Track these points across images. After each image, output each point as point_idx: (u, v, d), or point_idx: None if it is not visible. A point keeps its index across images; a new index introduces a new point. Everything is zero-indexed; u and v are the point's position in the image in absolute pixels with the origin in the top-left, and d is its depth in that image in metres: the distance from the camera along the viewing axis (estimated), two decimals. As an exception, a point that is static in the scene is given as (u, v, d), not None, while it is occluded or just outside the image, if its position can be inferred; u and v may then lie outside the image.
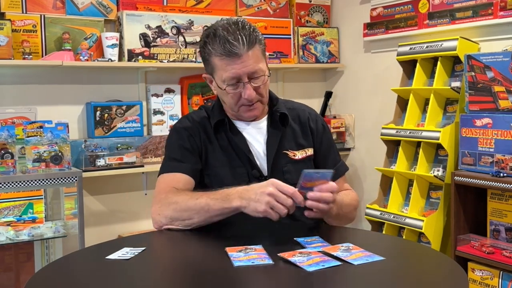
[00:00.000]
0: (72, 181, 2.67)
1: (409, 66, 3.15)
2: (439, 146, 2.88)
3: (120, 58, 3.07)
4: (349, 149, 3.75)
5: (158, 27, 3.16)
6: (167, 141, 1.88)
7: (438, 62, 2.91)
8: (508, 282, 2.50)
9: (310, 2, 3.76)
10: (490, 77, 2.57)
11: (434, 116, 2.92)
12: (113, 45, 3.00)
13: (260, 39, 1.72)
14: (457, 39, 2.79)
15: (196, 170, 1.78)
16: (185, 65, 3.23)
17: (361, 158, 3.67)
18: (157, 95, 3.23)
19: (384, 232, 3.09)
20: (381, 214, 3.06)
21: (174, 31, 3.22)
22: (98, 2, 3.06)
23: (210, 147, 1.80)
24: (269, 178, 1.76)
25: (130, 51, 3.08)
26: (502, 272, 2.52)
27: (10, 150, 2.60)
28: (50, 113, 2.94)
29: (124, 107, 3.09)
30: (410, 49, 3.04)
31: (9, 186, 2.54)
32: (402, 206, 3.07)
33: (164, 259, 1.50)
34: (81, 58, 2.90)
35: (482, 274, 2.59)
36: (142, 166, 3.07)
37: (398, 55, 3.11)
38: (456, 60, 2.92)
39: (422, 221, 2.81)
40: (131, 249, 1.46)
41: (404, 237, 3.00)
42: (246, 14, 3.49)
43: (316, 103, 3.79)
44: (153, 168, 3.11)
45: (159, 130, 3.23)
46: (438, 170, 2.89)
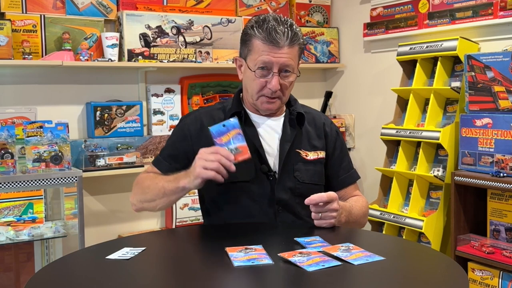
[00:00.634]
0: (72, 181, 2.67)
1: (409, 66, 3.15)
2: (439, 146, 2.88)
3: (120, 58, 3.07)
4: (349, 149, 3.74)
5: (158, 27, 3.16)
6: (172, 134, 1.96)
7: (438, 62, 2.91)
8: (508, 282, 2.50)
9: (310, 2, 3.77)
10: (490, 77, 2.57)
11: (434, 116, 2.92)
12: (113, 45, 3.00)
13: (301, 42, 1.79)
14: (457, 39, 2.79)
15: (176, 170, 1.81)
16: (185, 65, 3.23)
17: (361, 158, 3.68)
18: (157, 95, 3.23)
19: (384, 232, 3.09)
20: (381, 214, 3.06)
21: (174, 31, 3.22)
22: (98, 2, 3.06)
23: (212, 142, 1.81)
24: (278, 174, 1.78)
25: (130, 51, 3.08)
26: (502, 272, 2.52)
27: (10, 150, 2.60)
28: (50, 113, 2.94)
29: (124, 107, 3.09)
30: (410, 49, 3.04)
31: (9, 186, 2.54)
32: (402, 206, 3.07)
33: (164, 259, 1.51)
34: (81, 58, 2.90)
35: (482, 274, 2.59)
36: (142, 166, 3.07)
37: (398, 55, 3.11)
38: (456, 60, 2.92)
39: (422, 221, 2.81)
40: (131, 249, 1.46)
41: (404, 237, 3.00)
42: (246, 14, 3.49)
43: (316, 103, 3.79)
44: (153, 168, 3.11)
45: (159, 130, 3.23)
46: (438, 170, 2.89)
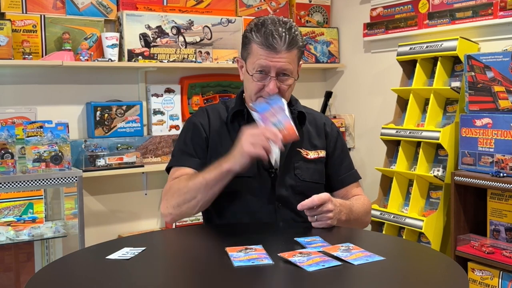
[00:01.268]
0: (72, 181, 2.67)
1: (409, 66, 3.15)
2: (439, 146, 2.88)
3: (120, 58, 3.07)
4: (349, 149, 3.72)
5: (158, 27, 3.16)
6: (181, 132, 1.93)
7: (438, 62, 2.91)
8: (508, 282, 2.50)
9: (310, 2, 3.77)
10: (490, 77, 2.57)
11: (434, 116, 2.92)
12: (113, 45, 3.00)
13: (300, 45, 1.79)
14: (457, 39, 2.79)
15: (205, 165, 1.82)
16: (185, 65, 3.23)
17: (361, 158, 3.68)
18: (157, 95, 3.23)
19: (384, 232, 3.09)
20: (381, 214, 3.06)
21: (174, 31, 3.22)
22: (98, 2, 3.06)
23: (219, 138, 1.84)
24: (279, 172, 1.79)
25: (130, 51, 3.08)
26: (502, 272, 2.52)
27: (10, 150, 2.60)
28: (50, 113, 2.94)
29: (124, 107, 3.09)
30: (410, 49, 3.04)
31: (9, 186, 2.54)
32: (402, 206, 3.07)
33: (164, 259, 1.51)
34: (81, 58, 2.90)
35: (482, 274, 2.59)
36: (142, 166, 3.07)
37: (398, 55, 3.11)
38: (456, 60, 2.92)
39: (422, 221, 2.81)
40: (131, 249, 1.46)
41: (404, 237, 3.00)
42: (246, 14, 3.49)
43: (316, 103, 3.79)
44: (153, 168, 3.12)
45: (159, 130, 3.23)
46: (438, 170, 2.89)
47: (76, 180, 2.67)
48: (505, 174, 2.48)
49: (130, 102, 3.13)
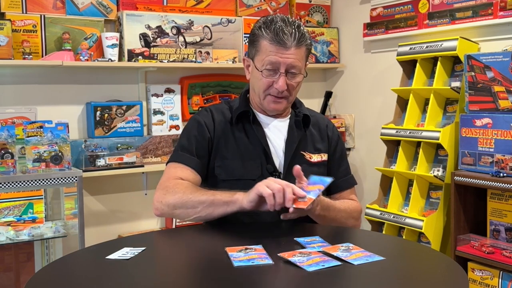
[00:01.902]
0: (72, 181, 2.67)
1: (409, 66, 3.15)
2: (439, 146, 2.88)
3: (120, 58, 3.07)
4: (349, 149, 3.74)
5: (158, 27, 3.16)
6: (185, 129, 1.92)
7: (438, 62, 2.91)
8: (508, 282, 2.50)
9: (310, 2, 3.76)
10: (490, 77, 2.57)
11: (434, 116, 2.92)
12: (113, 45, 3.00)
13: (308, 43, 1.81)
14: (457, 39, 2.79)
15: (204, 168, 1.83)
16: (185, 65, 3.23)
17: (361, 158, 3.67)
18: (157, 95, 3.23)
19: (384, 232, 3.09)
20: (381, 214, 3.06)
21: (174, 31, 3.22)
22: (98, 2, 3.06)
23: (224, 139, 1.84)
24: (284, 174, 1.79)
25: (130, 51, 3.08)
26: (502, 272, 2.52)
27: (10, 150, 2.60)
28: (50, 113, 2.94)
29: (124, 107, 3.09)
30: (410, 49, 3.04)
31: (9, 186, 2.54)
32: (402, 206, 3.07)
33: (164, 259, 1.50)
34: (81, 58, 2.90)
35: (482, 274, 2.59)
36: (142, 166, 3.07)
37: (398, 55, 3.11)
38: (456, 60, 2.92)
39: (422, 221, 2.81)
40: (131, 249, 1.46)
41: (404, 237, 3.00)
42: (246, 14, 3.49)
43: (316, 103, 3.79)
44: (153, 168, 3.12)
45: (159, 130, 3.23)
46: (438, 170, 2.89)
47: (76, 180, 2.67)
48: (505, 174, 2.48)
49: (130, 102, 3.13)
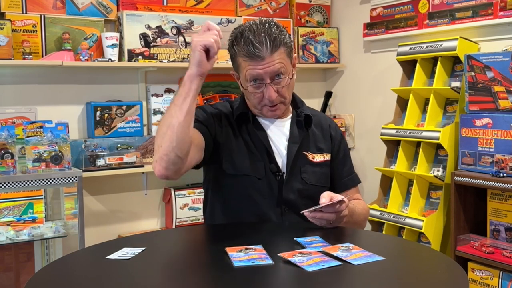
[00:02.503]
0: (72, 181, 2.67)
1: (409, 66, 3.15)
2: (439, 146, 2.88)
3: (120, 58, 3.07)
4: (349, 149, 3.73)
5: (158, 27, 3.16)
6: None
7: (438, 62, 2.91)
8: (508, 282, 2.50)
9: (310, 2, 3.76)
10: (490, 77, 2.57)
11: (434, 116, 2.92)
12: (113, 45, 3.00)
13: (286, 42, 1.75)
14: (457, 39, 2.79)
15: (208, 135, 1.76)
16: (185, 65, 3.21)
17: (361, 158, 3.67)
18: (157, 95, 3.23)
19: (384, 232, 3.09)
20: (381, 214, 3.06)
21: (174, 31, 3.22)
22: (98, 2, 3.06)
23: (232, 135, 1.82)
24: (286, 175, 1.80)
25: (130, 51, 3.08)
26: (502, 272, 2.52)
27: (10, 150, 2.60)
28: (50, 113, 2.94)
29: (124, 107, 3.09)
30: (410, 49, 3.04)
31: (9, 186, 2.54)
32: (402, 206, 3.07)
33: (164, 259, 1.50)
34: (81, 58, 2.90)
35: (482, 274, 2.59)
36: (142, 166, 3.07)
37: (398, 55, 3.11)
38: (456, 60, 2.92)
39: (422, 221, 2.81)
40: (131, 249, 1.46)
41: (404, 237, 3.00)
42: (246, 14, 3.49)
43: (316, 103, 3.79)
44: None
45: (159, 130, 3.22)
46: (438, 170, 2.89)
47: (76, 180, 2.67)
48: (505, 174, 2.48)
49: (130, 102, 3.13)
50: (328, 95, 3.74)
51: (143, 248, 1.47)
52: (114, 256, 1.42)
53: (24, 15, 2.86)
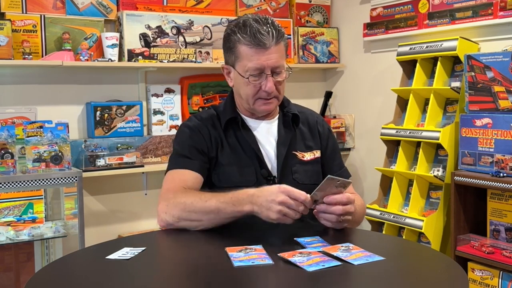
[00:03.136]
0: (72, 181, 2.67)
1: (409, 66, 3.15)
2: (439, 146, 2.88)
3: (120, 58, 3.07)
4: (349, 149, 3.75)
5: (158, 27, 3.16)
6: (176, 137, 1.88)
7: (438, 62, 2.91)
8: (508, 282, 2.50)
9: (310, 2, 3.76)
10: (490, 77, 2.57)
11: (434, 116, 2.92)
12: (113, 45, 3.00)
13: (285, 37, 1.77)
14: (457, 39, 2.79)
15: (204, 168, 1.79)
16: (185, 65, 3.23)
17: (361, 158, 3.67)
18: (157, 95, 3.23)
19: (384, 232, 3.09)
20: (381, 214, 3.06)
21: (174, 31, 3.22)
22: (98, 2, 3.06)
23: (219, 146, 1.81)
24: (278, 178, 1.79)
25: (130, 51, 3.08)
26: (502, 272, 2.52)
27: (10, 150, 2.60)
28: (50, 113, 2.94)
29: (124, 107, 3.09)
30: (410, 49, 3.04)
31: (9, 186, 2.54)
32: (402, 206, 3.07)
33: (164, 259, 1.50)
34: (81, 58, 2.90)
35: (482, 274, 2.59)
36: (142, 166, 3.07)
37: (398, 55, 3.11)
38: (456, 60, 2.92)
39: (422, 221, 2.81)
40: (131, 249, 1.46)
41: (404, 237, 3.00)
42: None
43: (316, 103, 3.79)
44: (153, 168, 3.12)
45: (159, 130, 3.23)
46: (438, 170, 2.89)
47: (76, 180, 2.67)
48: (505, 174, 2.48)
49: (130, 102, 3.13)
50: (328, 95, 3.74)
51: (143, 248, 1.47)
52: (114, 256, 1.42)
53: (24, 15, 2.86)
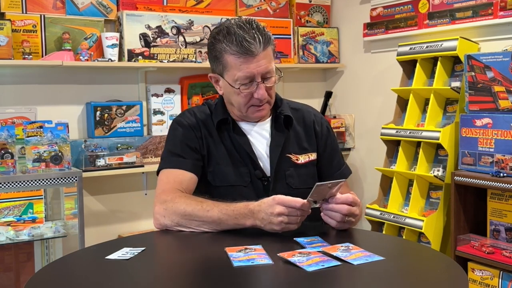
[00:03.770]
0: (72, 181, 2.67)
1: (409, 66, 3.15)
2: (439, 146, 2.88)
3: (120, 58, 3.07)
4: (349, 149, 3.75)
5: (158, 27, 3.16)
6: (169, 134, 1.86)
7: (438, 62, 2.91)
8: (508, 282, 2.50)
9: (310, 2, 3.76)
10: (490, 77, 2.57)
11: (434, 116, 2.92)
12: (113, 45, 3.00)
13: (272, 40, 1.72)
14: (457, 39, 2.79)
15: (197, 166, 1.77)
16: (185, 65, 3.23)
17: (361, 158, 3.67)
18: (157, 95, 3.23)
19: (384, 232, 3.09)
20: (381, 214, 3.06)
21: (174, 31, 3.22)
22: (98, 2, 3.06)
23: (213, 144, 1.79)
24: (272, 179, 1.77)
25: (130, 51, 3.08)
26: (502, 272, 2.52)
27: (10, 150, 2.60)
28: (50, 113, 2.94)
29: (124, 107, 3.09)
30: (410, 49, 3.04)
31: (9, 186, 2.54)
32: (402, 206, 3.07)
33: (164, 259, 1.50)
34: (81, 58, 2.90)
35: (482, 274, 2.59)
36: (142, 166, 3.07)
37: (398, 55, 3.11)
38: (456, 60, 2.92)
39: (422, 221, 2.81)
40: (131, 249, 1.46)
41: (404, 237, 3.00)
42: (246, 14, 3.49)
43: (316, 103, 3.79)
44: (153, 168, 3.10)
45: (159, 130, 3.23)
46: (438, 170, 2.89)
47: (76, 180, 2.67)
48: (505, 174, 2.48)
49: (130, 102, 3.13)
50: (328, 95, 3.74)
51: (143, 248, 1.47)
52: (114, 256, 1.42)
53: (24, 15, 2.86)
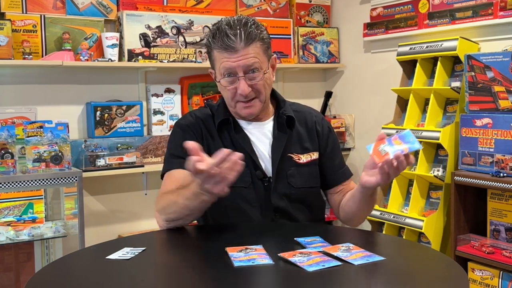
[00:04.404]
0: (72, 181, 2.67)
1: (409, 66, 3.15)
2: (439, 146, 2.88)
3: (120, 58, 3.07)
4: (349, 149, 3.75)
5: (158, 27, 3.16)
6: (170, 137, 1.87)
7: (438, 62, 2.91)
8: (508, 282, 2.50)
9: (310, 2, 3.76)
10: (490, 77, 2.57)
11: (434, 116, 2.92)
12: (113, 45, 3.01)
13: (262, 37, 1.72)
14: (457, 39, 2.79)
15: None
16: (185, 65, 3.23)
17: (361, 158, 3.67)
18: (157, 95, 3.23)
19: (384, 232, 3.09)
20: (381, 214, 3.06)
21: (174, 31, 3.22)
22: (98, 2, 3.06)
23: (213, 146, 1.79)
24: (273, 180, 1.77)
25: (130, 51, 3.08)
26: (502, 272, 2.52)
27: (10, 150, 2.60)
28: (50, 113, 2.94)
29: (124, 107, 3.09)
30: (410, 49, 3.04)
31: (9, 186, 2.54)
32: (402, 206, 3.07)
33: (164, 259, 1.51)
34: (81, 58, 2.90)
35: (482, 274, 2.59)
36: (142, 166, 3.07)
37: (398, 55, 3.11)
38: (456, 60, 2.92)
39: (422, 221, 2.81)
40: (131, 249, 1.46)
41: (404, 237, 3.00)
42: (246, 14, 3.49)
43: (316, 103, 3.79)
44: (153, 168, 3.11)
45: (159, 130, 3.23)
46: (438, 170, 2.89)
47: (76, 180, 2.67)
48: (505, 174, 2.48)
49: (130, 102, 3.13)
50: (328, 95, 3.74)
51: (143, 248, 1.47)
52: (114, 256, 1.42)
53: (24, 15, 2.86)
